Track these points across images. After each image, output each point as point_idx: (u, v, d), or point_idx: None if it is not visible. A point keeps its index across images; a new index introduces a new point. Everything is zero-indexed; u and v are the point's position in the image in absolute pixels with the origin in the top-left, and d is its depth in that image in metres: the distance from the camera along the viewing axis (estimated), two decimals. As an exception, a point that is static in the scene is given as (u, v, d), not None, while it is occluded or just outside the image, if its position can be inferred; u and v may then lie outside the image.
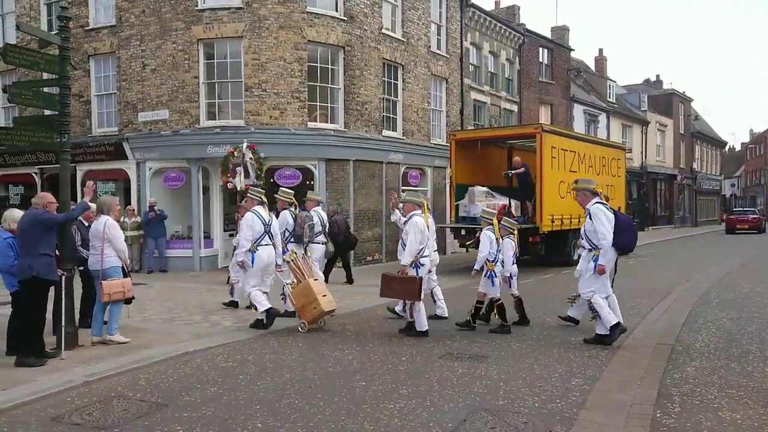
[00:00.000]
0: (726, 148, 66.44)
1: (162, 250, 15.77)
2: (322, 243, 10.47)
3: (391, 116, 18.86)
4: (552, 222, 15.28)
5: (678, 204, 45.08)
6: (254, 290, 8.21)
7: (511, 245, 8.19)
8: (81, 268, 7.76)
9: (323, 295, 8.18)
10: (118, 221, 8.26)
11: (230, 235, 15.18)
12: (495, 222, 8.19)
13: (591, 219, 7.24)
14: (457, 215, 16.25)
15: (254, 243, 8.10)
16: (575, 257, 16.52)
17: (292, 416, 4.85)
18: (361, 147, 17.07)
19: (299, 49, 15.86)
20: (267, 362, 6.60)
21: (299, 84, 15.88)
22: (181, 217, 16.68)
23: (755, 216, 37.17)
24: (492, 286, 8.06)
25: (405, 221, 7.97)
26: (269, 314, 8.14)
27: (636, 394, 5.31)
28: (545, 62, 29.42)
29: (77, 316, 7.44)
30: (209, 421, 4.75)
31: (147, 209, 15.66)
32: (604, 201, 7.43)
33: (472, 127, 22.53)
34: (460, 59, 22.21)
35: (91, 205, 7.39)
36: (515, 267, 8.33)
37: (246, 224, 8.17)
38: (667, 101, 44.43)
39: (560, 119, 29.22)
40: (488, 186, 16.37)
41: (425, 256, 7.89)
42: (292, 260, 8.48)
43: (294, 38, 15.80)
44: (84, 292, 8.12)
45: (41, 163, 17.69)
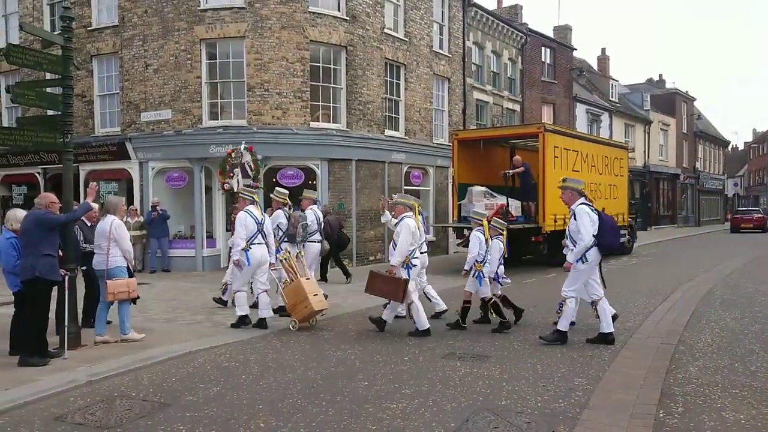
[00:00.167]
0: (729, 148, 66.31)
1: (165, 250, 15.80)
2: (318, 241, 10.53)
3: (394, 116, 18.85)
4: (555, 221, 15.26)
5: (681, 203, 45.01)
6: (241, 292, 8.43)
7: (499, 246, 8.29)
8: (84, 268, 7.78)
9: (314, 294, 8.30)
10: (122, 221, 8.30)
11: (232, 235, 15.19)
12: (485, 222, 8.32)
13: (575, 219, 7.33)
14: (460, 215, 16.26)
15: (247, 242, 8.26)
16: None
17: (295, 416, 4.85)
18: (364, 147, 17.07)
19: (301, 49, 15.86)
20: (269, 362, 6.60)
21: (301, 84, 15.88)
22: (184, 217, 16.70)
23: (759, 215, 38.41)
24: (480, 286, 8.16)
25: (396, 223, 8.11)
26: (241, 319, 8.34)
27: (639, 394, 5.30)
28: (548, 62, 29.40)
29: (80, 316, 7.46)
30: (212, 421, 4.76)
31: (150, 209, 15.70)
32: (590, 202, 7.50)
33: (475, 127, 22.52)
34: (463, 59, 22.20)
35: (94, 206, 7.41)
36: (502, 268, 8.41)
37: (239, 223, 8.35)
38: (670, 100, 44.35)
39: (563, 119, 29.18)
40: (491, 186, 16.35)
41: (416, 257, 8.02)
42: (285, 259, 8.63)
43: (296, 38, 15.81)
44: (87, 292, 8.14)
45: (44, 163, 17.73)
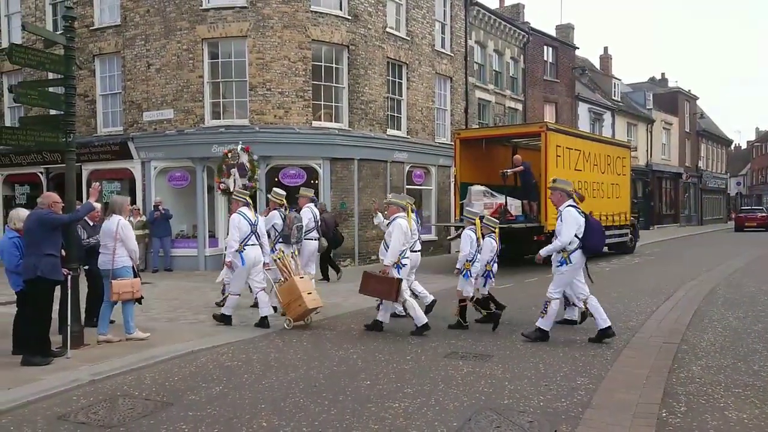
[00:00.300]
0: (732, 147, 66.09)
1: (167, 250, 15.83)
2: (315, 239, 10.56)
3: (396, 115, 18.85)
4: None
5: (683, 203, 44.96)
6: (234, 296, 8.51)
7: (491, 245, 8.31)
8: (86, 267, 7.79)
9: (308, 293, 8.32)
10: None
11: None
12: (477, 221, 8.36)
13: (561, 220, 7.36)
14: (462, 214, 16.21)
15: (241, 243, 8.32)
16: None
17: (297, 415, 4.85)
18: (366, 146, 17.07)
19: (303, 48, 15.87)
20: (272, 361, 6.61)
21: (303, 83, 15.89)
22: (186, 217, 16.73)
23: (763, 214, 38.91)
24: (464, 285, 8.21)
25: (389, 223, 8.17)
26: (223, 317, 8.49)
27: (642, 394, 5.29)
28: (550, 61, 29.36)
29: (83, 315, 7.47)
30: (214, 420, 4.76)
31: (152, 208, 15.72)
32: (578, 203, 7.53)
33: (477, 126, 22.50)
34: (465, 58, 22.18)
35: (96, 205, 7.43)
36: (495, 266, 8.46)
37: (233, 225, 8.41)
38: (673, 99, 44.27)
39: (565, 118, 29.15)
40: (493, 185, 16.33)
41: (406, 257, 8.07)
42: (279, 259, 8.68)
43: (298, 37, 15.81)
44: (89, 291, 8.16)
45: (47, 163, 17.76)
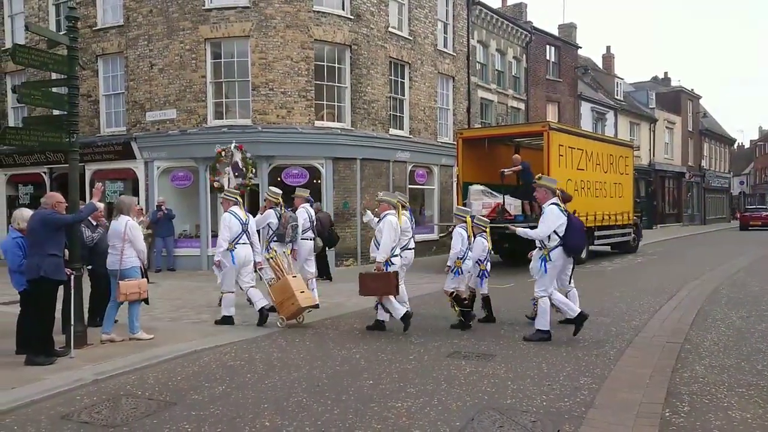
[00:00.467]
0: (735, 146, 65.93)
1: (170, 249, 15.84)
2: (310, 239, 10.57)
3: (398, 115, 18.85)
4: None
5: (686, 202, 44.85)
6: (230, 294, 8.52)
7: (483, 244, 8.33)
8: (90, 267, 7.80)
9: (301, 291, 8.33)
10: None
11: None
12: (468, 219, 8.38)
13: (542, 216, 7.40)
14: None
15: (232, 242, 8.34)
16: (583, 256, 16.53)
17: (300, 415, 4.86)
18: (368, 146, 17.08)
19: (306, 48, 15.88)
20: (274, 361, 6.61)
21: (306, 83, 15.90)
22: (189, 216, 16.75)
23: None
24: (452, 281, 8.23)
25: (379, 220, 8.20)
26: (225, 318, 8.49)
27: (645, 393, 5.28)
28: (552, 60, 29.32)
29: (86, 315, 7.49)
30: (217, 420, 4.77)
31: (155, 208, 15.73)
32: (562, 203, 7.56)
33: (479, 126, 22.49)
34: (467, 57, 22.17)
35: (99, 205, 7.43)
36: (488, 265, 8.49)
37: (223, 225, 8.44)
38: (676, 98, 44.17)
39: (567, 117, 29.12)
40: (495, 185, 16.31)
41: (396, 255, 8.08)
42: (272, 258, 8.69)
43: (301, 37, 15.82)
44: (92, 291, 8.18)
45: (50, 163, 17.82)
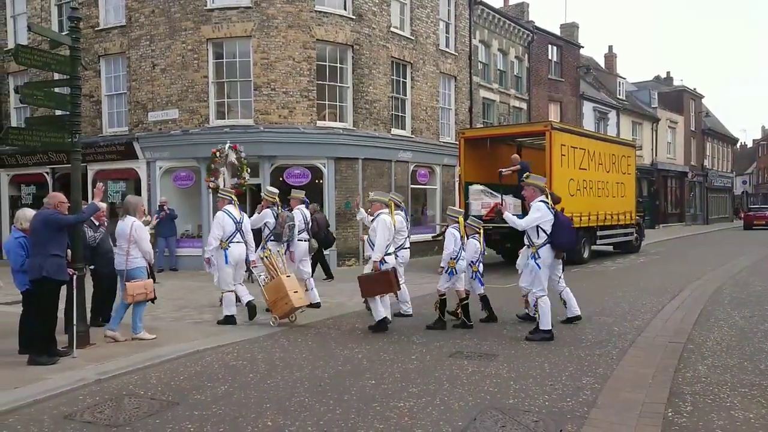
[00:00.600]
0: (737, 145, 65.81)
1: (172, 249, 15.87)
2: (305, 240, 10.58)
3: (400, 114, 18.85)
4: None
5: (689, 201, 44.77)
6: (229, 293, 8.54)
7: (475, 245, 8.36)
8: (92, 267, 7.81)
9: (294, 291, 8.35)
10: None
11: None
12: (461, 220, 8.40)
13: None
14: (466, 214, 16.20)
15: (226, 240, 8.40)
16: (585, 255, 16.53)
17: (302, 415, 4.86)
18: (370, 145, 17.08)
19: (308, 48, 15.88)
20: (277, 360, 6.62)
21: (308, 83, 15.90)
22: (191, 216, 16.77)
23: None
24: (447, 281, 8.24)
25: (372, 219, 8.27)
26: (227, 318, 8.51)
27: (647, 393, 5.27)
28: (554, 59, 29.29)
29: (89, 315, 7.49)
30: (220, 420, 4.77)
31: (157, 208, 15.75)
32: (550, 201, 7.59)
33: (481, 125, 22.47)
34: (469, 57, 22.15)
35: (101, 205, 7.45)
36: (481, 266, 8.51)
37: (217, 223, 8.48)
38: (678, 98, 44.08)
39: (570, 117, 29.09)
40: (498, 184, 16.29)
41: (389, 254, 8.16)
42: (266, 257, 8.72)
43: (303, 37, 15.83)
44: (95, 291, 8.19)
45: (53, 163, 17.85)
